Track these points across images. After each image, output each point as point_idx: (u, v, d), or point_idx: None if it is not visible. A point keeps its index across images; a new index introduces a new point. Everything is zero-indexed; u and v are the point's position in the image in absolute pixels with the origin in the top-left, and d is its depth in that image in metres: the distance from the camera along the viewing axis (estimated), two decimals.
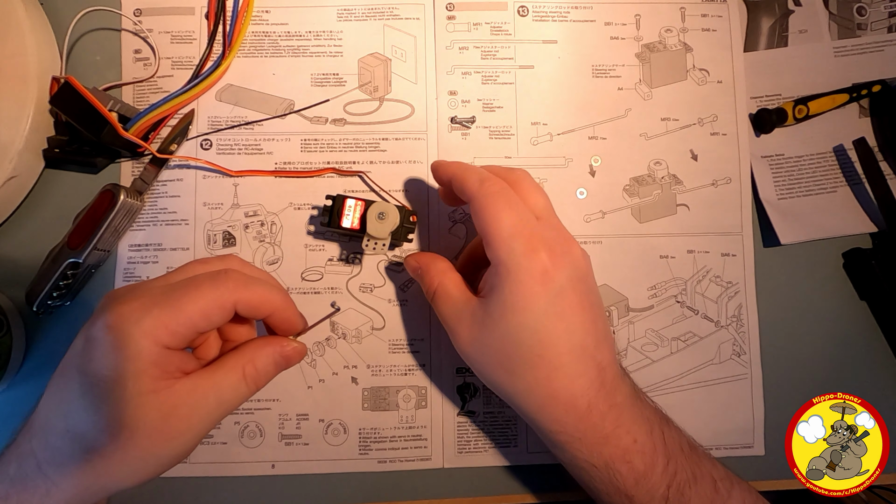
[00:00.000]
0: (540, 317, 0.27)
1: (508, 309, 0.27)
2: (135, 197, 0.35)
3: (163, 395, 0.24)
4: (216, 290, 0.25)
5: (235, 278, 0.25)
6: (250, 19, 0.38)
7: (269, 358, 0.27)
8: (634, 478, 0.28)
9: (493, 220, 0.28)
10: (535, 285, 0.27)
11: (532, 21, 0.39)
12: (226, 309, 0.25)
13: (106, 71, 0.38)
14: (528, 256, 0.27)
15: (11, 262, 0.36)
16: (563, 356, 0.27)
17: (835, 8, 0.41)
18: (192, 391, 0.25)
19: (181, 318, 0.24)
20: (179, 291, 0.24)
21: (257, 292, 0.26)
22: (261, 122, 0.37)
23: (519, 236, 0.27)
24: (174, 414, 0.24)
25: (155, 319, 0.23)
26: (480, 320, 0.28)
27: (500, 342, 0.28)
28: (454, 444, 0.36)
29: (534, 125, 0.38)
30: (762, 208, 0.39)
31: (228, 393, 0.26)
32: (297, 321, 0.28)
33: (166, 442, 0.24)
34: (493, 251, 0.28)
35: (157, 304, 0.24)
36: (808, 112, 0.38)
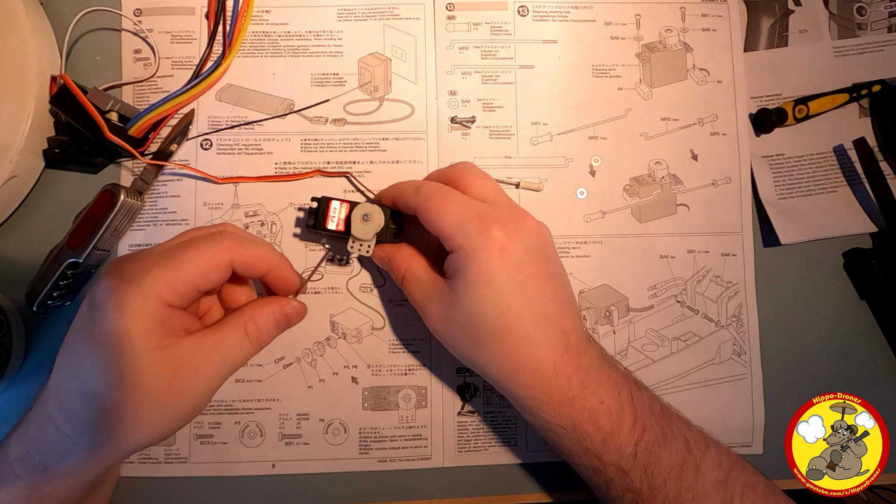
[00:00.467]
0: (501, 290, 0.28)
1: (471, 286, 0.28)
2: (135, 197, 0.35)
3: (169, 351, 0.25)
4: (212, 247, 0.26)
5: (231, 237, 0.27)
6: (250, 19, 0.38)
7: (270, 316, 0.29)
8: (602, 437, 0.29)
9: (439, 216, 0.29)
10: (492, 261, 0.28)
11: (532, 21, 0.39)
12: (223, 267, 0.26)
13: (106, 71, 0.38)
14: (482, 235, 0.28)
15: (11, 262, 0.36)
16: (527, 325, 0.29)
17: (835, 8, 0.41)
18: (198, 348, 0.26)
19: (181, 276, 0.25)
20: (178, 251, 0.26)
21: (253, 250, 0.27)
22: (261, 122, 0.37)
23: (469, 220, 0.29)
24: (181, 370, 0.25)
25: (155, 278, 0.25)
26: (447, 299, 0.29)
27: (466, 317, 0.29)
28: (454, 444, 0.36)
29: (534, 125, 0.38)
30: (762, 208, 0.39)
31: (233, 350, 0.27)
32: (294, 279, 0.30)
33: (175, 397, 0.25)
34: (450, 241, 0.29)
35: (157, 264, 0.25)
36: (808, 112, 0.38)
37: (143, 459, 0.36)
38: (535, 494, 0.37)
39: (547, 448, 0.37)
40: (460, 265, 0.29)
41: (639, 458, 0.29)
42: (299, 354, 0.36)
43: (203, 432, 0.36)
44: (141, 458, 0.36)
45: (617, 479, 0.29)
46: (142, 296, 0.24)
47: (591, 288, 0.38)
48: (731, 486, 0.29)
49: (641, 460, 0.29)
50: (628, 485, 0.29)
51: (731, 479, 0.29)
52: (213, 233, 0.27)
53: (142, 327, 0.24)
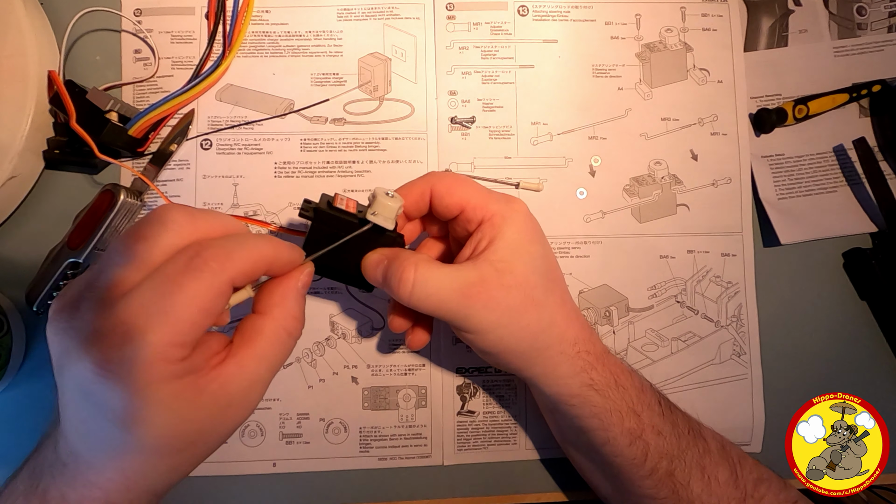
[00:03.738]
0: (543, 244, 0.30)
1: (520, 244, 0.28)
2: (135, 197, 0.35)
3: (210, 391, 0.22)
4: (203, 280, 0.21)
5: (215, 255, 0.21)
6: (250, 19, 0.38)
7: (298, 300, 0.25)
8: (636, 392, 0.30)
9: (465, 189, 0.29)
10: (529, 221, 0.30)
11: (532, 21, 0.39)
12: (223, 294, 0.22)
13: (106, 71, 0.38)
14: (513, 202, 0.29)
15: (11, 262, 0.36)
16: (562, 281, 0.31)
17: (835, 8, 0.41)
18: (241, 373, 0.23)
19: (182, 327, 0.21)
20: (163, 300, 0.20)
21: (248, 256, 0.23)
22: (261, 122, 0.37)
23: (491, 193, 0.30)
24: (229, 406, 0.23)
25: (155, 345, 0.20)
26: (493, 270, 0.27)
27: (524, 277, 0.28)
28: (454, 443, 0.37)
29: (534, 125, 0.38)
30: (762, 208, 0.39)
31: (278, 356, 0.24)
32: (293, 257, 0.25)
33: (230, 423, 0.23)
34: (482, 209, 0.29)
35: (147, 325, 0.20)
36: (808, 112, 0.38)
37: None
38: (535, 493, 0.37)
39: (546, 446, 0.37)
40: (500, 230, 0.28)
41: (665, 415, 0.30)
42: (299, 354, 0.36)
43: None
44: None
45: (653, 442, 0.29)
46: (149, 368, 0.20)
47: (591, 288, 0.38)
48: (730, 456, 0.30)
49: (668, 418, 0.30)
50: (663, 449, 0.29)
51: (728, 448, 0.31)
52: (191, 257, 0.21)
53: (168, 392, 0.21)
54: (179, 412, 0.21)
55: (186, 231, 0.22)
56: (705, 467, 0.29)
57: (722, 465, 0.30)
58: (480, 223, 0.29)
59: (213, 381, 0.22)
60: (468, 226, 0.29)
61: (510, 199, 0.30)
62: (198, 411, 0.22)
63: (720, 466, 0.30)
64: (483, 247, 0.28)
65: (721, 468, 0.30)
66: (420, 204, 0.30)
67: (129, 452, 0.22)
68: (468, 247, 0.29)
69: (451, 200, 0.29)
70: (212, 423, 0.23)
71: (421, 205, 0.30)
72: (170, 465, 0.23)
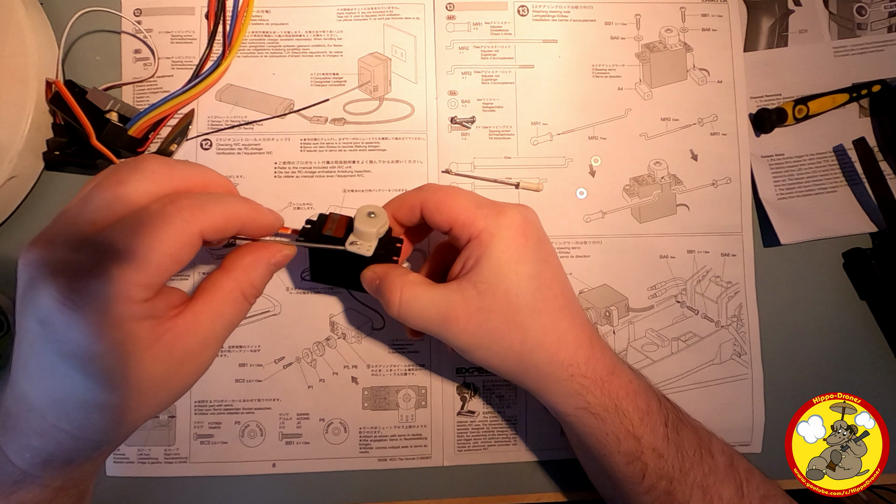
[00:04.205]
0: (534, 263, 0.28)
1: (504, 264, 0.28)
2: None
3: (165, 343, 0.22)
4: (174, 226, 0.22)
5: (189, 206, 0.22)
6: (250, 19, 0.38)
7: (265, 271, 0.26)
8: (639, 416, 0.29)
9: (455, 204, 0.29)
10: (519, 237, 0.28)
11: (532, 21, 0.39)
12: (192, 244, 0.22)
13: (106, 71, 0.38)
14: (503, 217, 0.28)
15: (11, 262, 0.36)
16: (559, 298, 0.29)
17: (835, 8, 0.41)
18: (197, 328, 0.23)
19: (149, 270, 0.21)
20: (134, 240, 0.21)
21: (221, 212, 0.23)
22: (261, 122, 0.37)
23: (484, 206, 0.29)
24: (185, 358, 0.23)
25: (120, 282, 0.20)
26: (475, 292, 0.28)
27: (505, 300, 0.27)
28: (454, 443, 0.37)
29: (534, 125, 0.38)
30: (762, 208, 0.39)
31: (232, 316, 0.25)
32: (272, 221, 0.26)
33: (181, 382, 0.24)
34: (470, 227, 0.28)
35: (115, 262, 0.20)
36: (808, 112, 0.38)
37: (142, 459, 0.36)
38: (535, 494, 0.37)
39: (547, 447, 0.37)
40: (485, 249, 0.28)
41: (670, 438, 0.29)
42: (299, 354, 0.36)
43: (203, 432, 0.36)
44: (141, 458, 0.36)
45: (652, 464, 0.29)
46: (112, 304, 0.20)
47: (591, 288, 0.38)
48: (737, 472, 0.30)
49: (672, 441, 0.29)
50: (663, 470, 0.29)
51: (736, 464, 0.30)
52: (165, 204, 0.22)
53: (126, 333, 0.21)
54: (134, 356, 0.21)
55: (163, 180, 0.23)
56: (708, 486, 0.29)
57: (727, 482, 0.29)
58: (469, 240, 0.28)
59: (169, 331, 0.22)
60: (458, 243, 0.29)
61: (501, 212, 0.28)
62: (152, 360, 0.22)
63: (725, 484, 0.29)
64: (469, 266, 0.28)
65: (726, 485, 0.29)
66: (411, 217, 0.30)
67: (75, 392, 0.21)
68: (458, 264, 0.29)
69: (440, 217, 0.29)
70: (164, 375, 0.23)
71: (412, 218, 0.30)
72: (116, 416, 0.22)
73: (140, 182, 0.22)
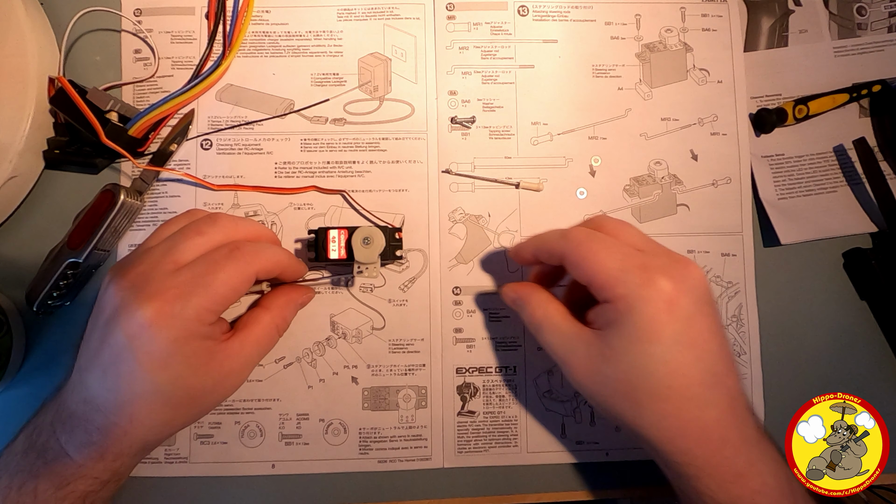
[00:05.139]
0: (670, 346, 0.26)
1: (634, 341, 0.26)
2: (135, 197, 0.35)
3: (219, 358, 0.28)
4: (237, 266, 0.28)
5: (248, 251, 0.29)
6: (250, 19, 0.38)
7: (294, 310, 0.34)
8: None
9: (594, 263, 0.27)
10: (660, 314, 0.26)
11: (532, 21, 0.39)
12: (248, 280, 0.29)
13: (106, 71, 0.38)
14: (647, 286, 0.26)
15: (11, 262, 0.36)
16: (694, 386, 0.26)
17: (835, 8, 0.41)
18: (241, 351, 0.29)
19: (217, 299, 0.27)
20: (208, 276, 0.27)
21: (270, 259, 0.30)
22: (261, 122, 0.37)
23: (631, 270, 0.26)
24: (231, 373, 0.29)
25: (197, 307, 0.27)
26: (599, 353, 0.27)
27: (624, 374, 0.26)
28: (454, 444, 0.36)
29: (534, 125, 0.38)
30: (762, 208, 0.39)
31: (267, 345, 0.31)
32: (303, 270, 0.34)
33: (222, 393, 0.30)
34: (608, 291, 0.27)
35: (194, 291, 0.27)
36: (808, 112, 0.38)
37: (143, 459, 0.35)
38: (535, 495, 0.37)
39: (547, 449, 0.37)
40: (619, 317, 0.26)
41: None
42: (299, 354, 0.36)
43: (203, 432, 0.36)
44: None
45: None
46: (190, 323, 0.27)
47: None
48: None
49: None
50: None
51: None
52: (232, 249, 0.29)
53: (195, 347, 0.27)
54: (193, 368, 0.27)
55: (230, 232, 0.30)
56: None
57: None
58: (606, 301, 0.27)
59: (221, 352, 0.29)
60: (598, 298, 0.28)
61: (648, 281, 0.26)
62: (205, 373, 0.28)
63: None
64: (600, 325, 0.28)
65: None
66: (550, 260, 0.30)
67: (144, 395, 0.27)
68: (593, 311, 0.28)
69: (579, 273, 0.28)
70: (211, 386, 0.29)
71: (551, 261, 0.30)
72: (168, 418, 0.28)
73: (216, 234, 0.29)
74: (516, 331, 0.37)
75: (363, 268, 0.33)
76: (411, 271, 0.37)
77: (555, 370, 0.37)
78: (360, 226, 0.33)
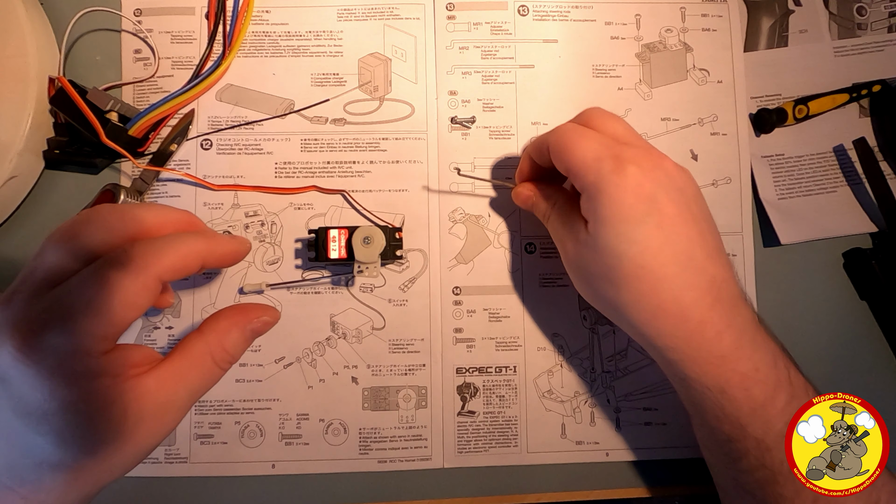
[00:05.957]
0: (637, 226, 0.27)
1: (604, 222, 0.27)
2: (135, 197, 0.35)
3: (123, 401, 0.21)
4: (130, 274, 0.21)
5: (143, 252, 0.22)
6: (250, 19, 0.38)
7: (240, 338, 0.25)
8: (751, 407, 0.27)
9: (572, 152, 0.28)
10: (627, 197, 0.27)
11: (532, 21, 0.39)
12: (149, 288, 0.22)
13: (106, 71, 0.38)
14: (616, 173, 0.27)
15: (11, 262, 0.36)
16: (667, 266, 0.27)
17: (835, 8, 0.41)
18: (158, 390, 0.22)
19: (105, 320, 0.21)
20: (89, 292, 0.21)
21: (175, 255, 0.23)
22: (261, 122, 0.37)
23: (604, 158, 0.27)
24: (141, 421, 0.22)
25: (75, 334, 0.20)
26: (583, 239, 0.29)
27: (601, 256, 0.28)
28: (454, 444, 0.36)
29: (534, 125, 0.38)
30: (762, 208, 0.39)
31: (199, 382, 0.24)
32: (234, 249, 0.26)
33: (135, 448, 0.22)
34: (582, 178, 0.28)
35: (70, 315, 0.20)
36: (808, 112, 0.38)
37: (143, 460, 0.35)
38: (535, 495, 0.37)
39: (547, 450, 0.37)
40: (591, 203, 0.28)
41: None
42: (299, 354, 0.36)
43: (203, 432, 0.36)
44: None
45: (755, 452, 0.27)
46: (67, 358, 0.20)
47: None
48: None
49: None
50: (766, 461, 0.27)
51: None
52: (119, 253, 0.22)
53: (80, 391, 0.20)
54: (88, 416, 0.20)
55: (117, 228, 0.23)
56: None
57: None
58: (583, 189, 0.28)
59: (129, 392, 0.21)
60: (576, 186, 0.29)
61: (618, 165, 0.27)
62: (107, 422, 0.21)
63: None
64: (584, 214, 0.29)
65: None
66: (543, 156, 0.31)
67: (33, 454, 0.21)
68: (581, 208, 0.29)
69: (558, 162, 0.29)
70: (118, 439, 0.21)
71: (544, 157, 0.31)
72: (69, 479, 0.21)
73: (94, 234, 0.22)
74: (516, 331, 0.37)
75: (363, 267, 0.33)
76: (411, 271, 0.37)
77: (554, 370, 0.37)
78: (361, 225, 0.33)
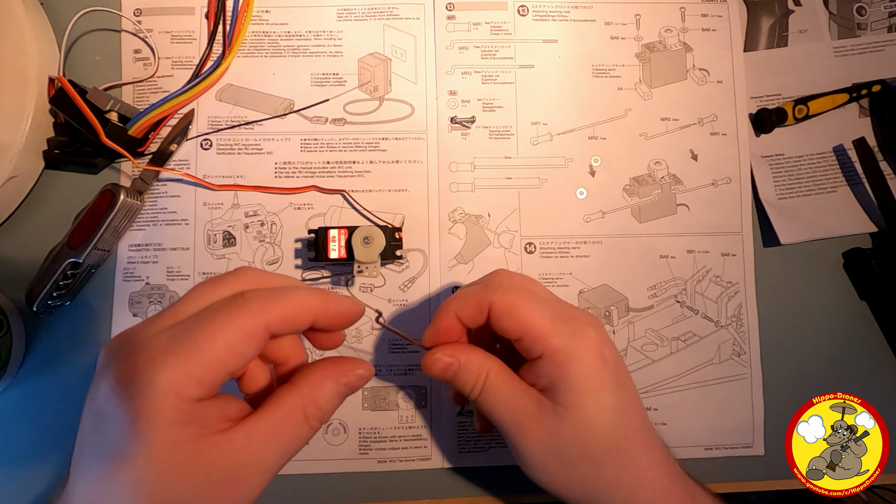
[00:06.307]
0: (616, 392, 0.25)
1: (584, 393, 0.25)
2: (135, 197, 0.35)
3: (208, 458, 0.20)
4: (239, 317, 0.20)
5: (257, 297, 0.21)
6: (250, 19, 0.38)
7: (333, 391, 0.23)
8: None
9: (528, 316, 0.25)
10: (597, 362, 0.25)
11: (532, 21, 0.39)
12: (256, 336, 0.21)
13: (106, 71, 0.38)
14: (580, 336, 0.25)
15: (11, 262, 0.36)
16: (640, 432, 0.26)
17: (835, 8, 0.41)
18: (245, 447, 0.20)
19: (206, 361, 0.19)
20: (195, 330, 0.20)
21: (288, 304, 0.22)
22: (261, 122, 0.37)
23: (560, 321, 0.26)
24: (226, 480, 0.20)
25: (173, 371, 0.19)
26: (552, 411, 0.25)
27: (583, 432, 0.25)
28: (454, 444, 0.36)
29: (534, 125, 0.38)
30: (762, 208, 0.39)
31: (289, 442, 0.22)
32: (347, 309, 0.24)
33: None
34: (542, 343, 0.25)
35: (172, 350, 0.19)
36: (808, 112, 0.38)
37: None
38: (535, 495, 0.37)
39: None
40: (561, 371, 0.25)
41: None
42: None
43: None
44: None
45: None
46: (160, 399, 0.19)
47: (591, 288, 0.38)
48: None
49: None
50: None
51: None
52: (234, 296, 0.21)
53: (168, 437, 0.19)
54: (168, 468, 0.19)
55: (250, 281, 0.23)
56: None
57: None
58: (541, 356, 0.26)
59: (215, 447, 0.20)
60: (527, 354, 0.26)
61: (578, 330, 0.25)
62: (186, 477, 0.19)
63: None
64: (543, 385, 0.26)
65: None
66: (478, 319, 0.27)
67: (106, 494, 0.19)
68: (529, 374, 0.27)
69: (509, 324, 0.26)
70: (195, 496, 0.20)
71: (479, 319, 0.27)
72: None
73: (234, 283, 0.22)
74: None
75: (363, 267, 0.33)
76: (411, 271, 0.37)
77: None
78: (360, 225, 0.33)
